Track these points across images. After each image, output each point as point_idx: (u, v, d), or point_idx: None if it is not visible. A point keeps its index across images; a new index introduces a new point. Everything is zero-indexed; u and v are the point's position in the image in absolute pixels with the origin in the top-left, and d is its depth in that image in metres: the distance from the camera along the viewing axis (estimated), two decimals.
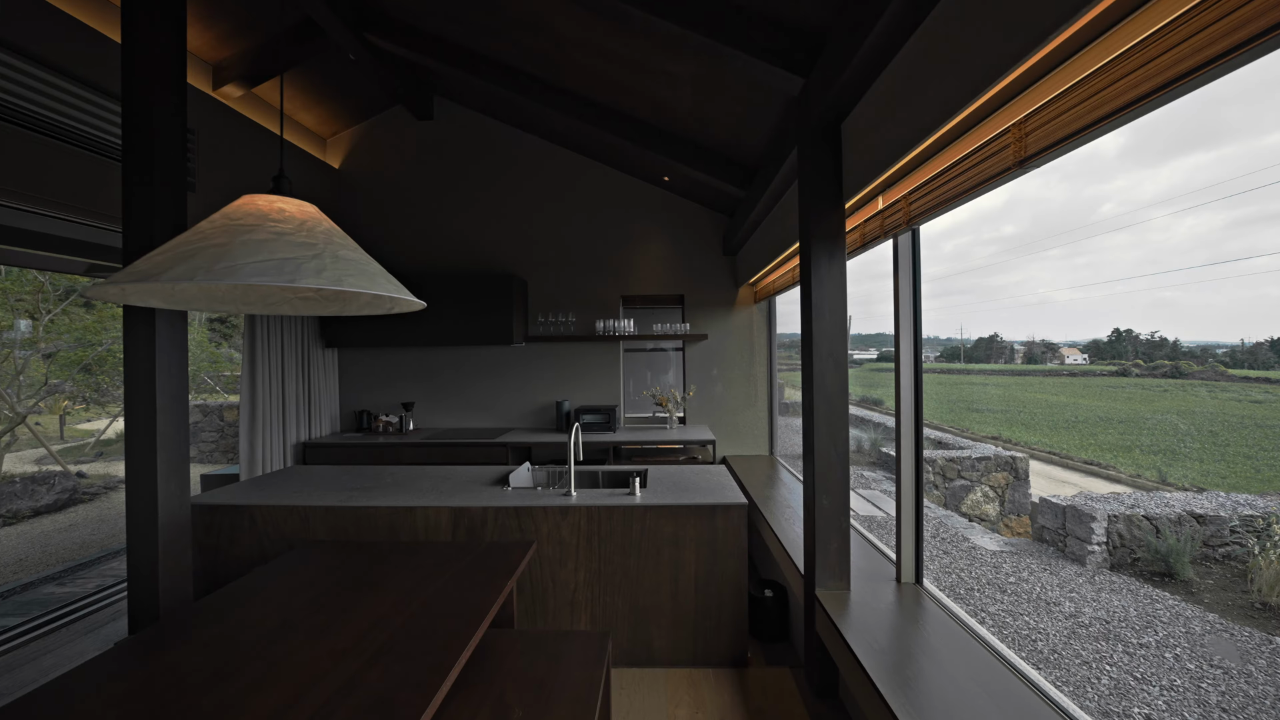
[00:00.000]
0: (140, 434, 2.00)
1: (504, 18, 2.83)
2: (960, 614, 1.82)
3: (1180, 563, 3.89)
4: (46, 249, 2.86)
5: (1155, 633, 3.20)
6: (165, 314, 2.02)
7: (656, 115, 3.15)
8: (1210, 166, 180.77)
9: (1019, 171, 1.23)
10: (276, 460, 3.71)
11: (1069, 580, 4.02)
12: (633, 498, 2.30)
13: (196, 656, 1.23)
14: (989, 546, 4.72)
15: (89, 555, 4.27)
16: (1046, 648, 3.10)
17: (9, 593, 2.95)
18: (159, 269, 0.86)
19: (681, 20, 1.96)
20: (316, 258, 0.95)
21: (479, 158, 4.39)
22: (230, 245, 0.90)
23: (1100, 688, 2.70)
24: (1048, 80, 1.11)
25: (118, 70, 2.63)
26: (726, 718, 1.90)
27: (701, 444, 3.70)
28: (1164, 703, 2.55)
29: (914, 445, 1.95)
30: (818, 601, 1.92)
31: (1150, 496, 4.60)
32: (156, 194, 2.02)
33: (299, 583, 1.64)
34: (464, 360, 4.34)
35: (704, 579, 2.23)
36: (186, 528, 2.11)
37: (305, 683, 1.12)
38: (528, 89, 3.32)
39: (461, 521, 2.23)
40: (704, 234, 4.33)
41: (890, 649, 1.60)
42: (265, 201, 1.03)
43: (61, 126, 2.43)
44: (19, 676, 2.14)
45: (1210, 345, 23.91)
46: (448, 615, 1.40)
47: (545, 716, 1.36)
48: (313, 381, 4.08)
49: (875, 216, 1.97)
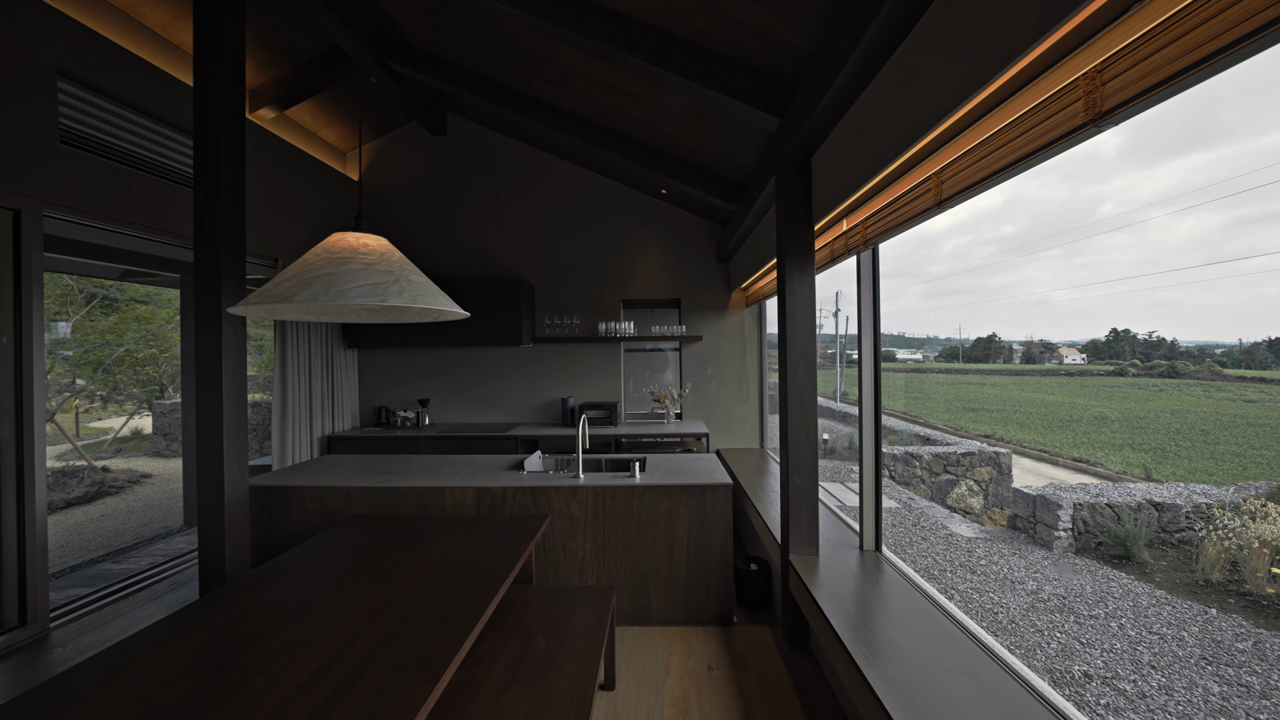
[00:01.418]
0: (209, 424, 2.33)
1: (516, 50, 3.15)
2: (911, 574, 2.15)
3: (1136, 546, 4.22)
4: (85, 255, 3.19)
5: (1105, 606, 3.53)
6: (231, 322, 2.34)
7: (653, 138, 3.48)
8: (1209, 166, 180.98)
9: (937, 210, 1.56)
10: (304, 452, 4.04)
11: (1036, 563, 4.35)
12: (633, 479, 2.63)
13: (288, 593, 1.56)
14: (965, 533, 5.05)
15: (124, 541, 4.60)
16: (1006, 619, 3.44)
17: (75, 568, 3.28)
18: (290, 292, 1.18)
19: (673, 67, 2.28)
20: (396, 282, 1.27)
21: (488, 170, 4.71)
22: (337, 274, 1.22)
23: (1049, 650, 3.03)
24: (956, 140, 1.44)
25: (179, 103, 2.98)
26: (713, 663, 2.23)
27: (696, 437, 4.02)
28: (1102, 662, 2.88)
29: (874, 433, 2.27)
30: (791, 565, 2.25)
31: (1115, 487, 4.94)
32: (222, 210, 2.34)
33: (355, 544, 1.96)
34: (476, 360, 4.66)
35: (695, 549, 2.57)
36: (246, 505, 2.43)
37: (380, 608, 1.44)
38: (536, 112, 3.64)
39: (484, 499, 2.56)
40: (699, 242, 4.65)
41: (852, 603, 1.93)
42: (354, 238, 1.35)
43: (129, 153, 2.76)
44: (103, 633, 2.47)
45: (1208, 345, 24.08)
46: (483, 565, 1.73)
47: (563, 647, 1.69)
48: (336, 379, 4.41)
49: (840, 237, 2.30)
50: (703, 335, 4.61)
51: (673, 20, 2.21)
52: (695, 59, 2.28)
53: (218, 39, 2.33)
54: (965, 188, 1.42)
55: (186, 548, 3.72)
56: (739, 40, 2.14)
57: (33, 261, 2.40)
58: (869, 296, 2.26)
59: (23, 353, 2.40)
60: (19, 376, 2.40)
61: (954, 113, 1.29)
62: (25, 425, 2.41)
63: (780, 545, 2.39)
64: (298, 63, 3.65)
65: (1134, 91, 0.94)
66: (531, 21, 2.36)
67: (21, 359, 2.40)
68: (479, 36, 3.17)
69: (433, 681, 1.10)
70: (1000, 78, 1.13)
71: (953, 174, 1.49)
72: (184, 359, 4.44)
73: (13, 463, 2.40)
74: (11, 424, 2.39)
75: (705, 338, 4.63)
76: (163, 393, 9.80)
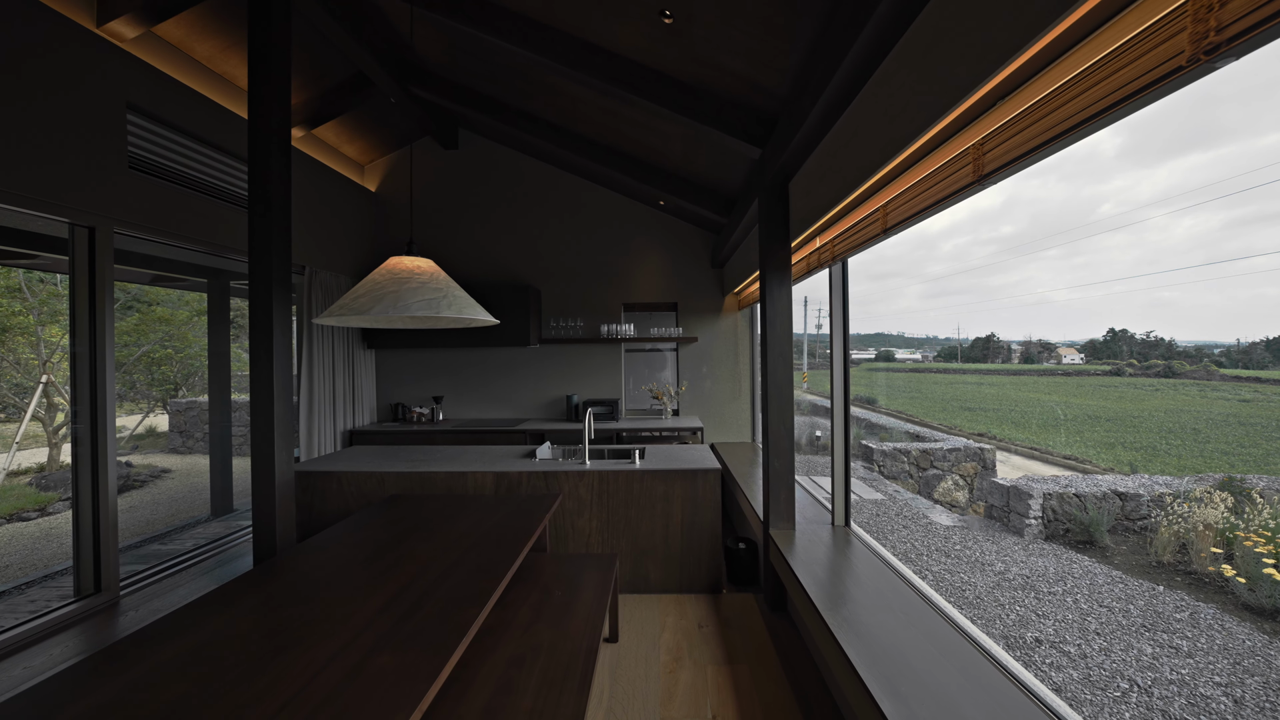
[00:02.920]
0: (262, 416, 2.66)
1: (529, 80, 3.48)
2: (875, 545, 2.49)
3: (1099, 531, 4.56)
4: (124, 263, 3.51)
5: (1065, 584, 3.87)
6: (281, 325, 2.67)
7: (652, 157, 3.81)
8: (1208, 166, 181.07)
9: (883, 236, 1.89)
10: (329, 444, 4.37)
11: (1007, 548, 4.69)
12: (634, 465, 2.96)
13: (348, 552, 1.89)
14: (943, 522, 5.39)
15: (157, 530, 4.93)
16: (973, 595, 3.77)
17: (127, 549, 3.61)
18: (366, 306, 1.51)
19: (669, 105, 2.62)
20: (446, 297, 1.59)
21: (497, 182, 5.05)
22: (400, 292, 1.54)
23: (1008, 620, 3.37)
24: (896, 181, 1.77)
25: (224, 128, 3.31)
26: (702, 622, 2.57)
27: (691, 431, 4.36)
28: (1053, 630, 3.22)
29: (844, 424, 2.61)
30: (771, 538, 2.58)
31: (1083, 478, 5.28)
32: (273, 227, 2.67)
33: (396, 517, 2.29)
34: (486, 359, 5.00)
35: (688, 527, 2.90)
36: (292, 487, 2.76)
37: (427, 561, 1.78)
38: (545, 133, 3.98)
39: (502, 482, 2.90)
40: (694, 249, 4.99)
41: (821, 567, 2.26)
42: (409, 261, 1.68)
43: (182, 174, 3.10)
44: (167, 599, 2.80)
45: (1206, 345, 24.25)
46: (508, 532, 2.06)
47: (575, 598, 2.03)
48: (356, 378, 4.74)
49: (814, 252, 2.64)
50: (698, 336, 4.94)
51: (669, 66, 2.54)
52: (689, 97, 2.61)
53: (269, 82, 2.66)
54: (904, 219, 1.76)
55: (220, 533, 4.04)
56: (726, 83, 2.48)
57: (106, 274, 2.74)
58: (839, 305, 2.59)
59: (97, 355, 2.74)
60: (94, 377, 2.73)
61: (891, 160, 1.62)
62: (99, 420, 2.74)
63: (762, 521, 2.72)
64: (326, 86, 3.98)
65: (1006, 160, 1.28)
66: (546, 64, 2.69)
67: (96, 361, 2.73)
68: (494, 68, 3.51)
69: (479, 607, 1.43)
70: (922, 137, 1.46)
71: (895, 206, 1.82)
72: (211, 359, 4.77)
73: (88, 452, 2.73)
74: (88, 419, 2.73)
75: (700, 339, 4.96)
76: (176, 391, 10.13)
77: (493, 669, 1.56)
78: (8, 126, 2.28)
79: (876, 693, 1.37)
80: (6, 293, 6.16)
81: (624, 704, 1.95)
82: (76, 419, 2.75)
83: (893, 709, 1.30)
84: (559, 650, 1.66)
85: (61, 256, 3.00)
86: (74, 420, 2.75)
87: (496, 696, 1.44)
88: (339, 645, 1.26)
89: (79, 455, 2.74)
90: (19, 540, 5.00)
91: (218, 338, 4.70)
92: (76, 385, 2.74)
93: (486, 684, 1.50)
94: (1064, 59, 1.04)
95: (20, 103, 2.33)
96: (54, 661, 2.27)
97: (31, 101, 2.38)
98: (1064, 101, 1.09)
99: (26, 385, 7.13)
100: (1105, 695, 2.59)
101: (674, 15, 2.14)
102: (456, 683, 1.54)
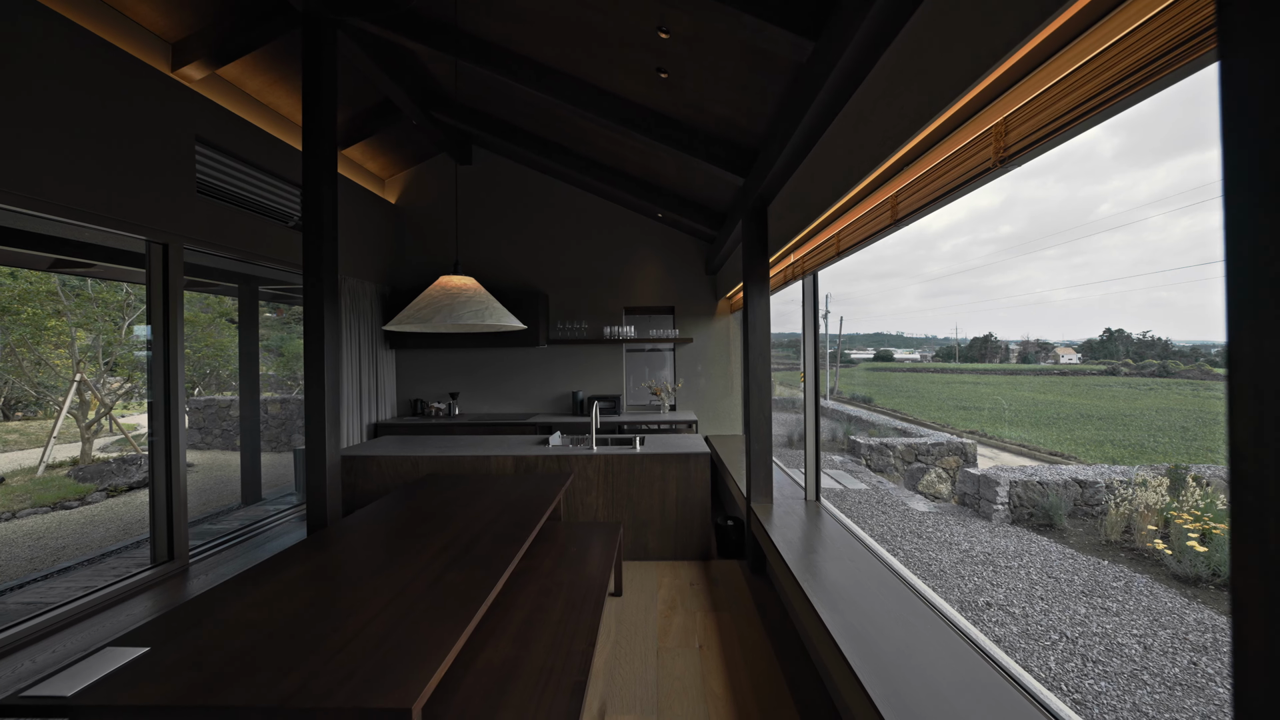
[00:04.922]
0: (316, 406, 3.10)
1: (543, 111, 3.92)
2: (841, 518, 2.93)
3: (1058, 515, 5.01)
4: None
5: (1021, 560, 4.32)
6: (333, 327, 3.11)
7: (651, 177, 4.25)
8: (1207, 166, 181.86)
9: (838, 258, 2.33)
10: (355, 436, 4.80)
11: (975, 531, 5.13)
12: (635, 450, 3.40)
13: (404, 515, 2.32)
14: (919, 508, 5.83)
15: (193, 516, 5.35)
16: (938, 569, 4.22)
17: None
18: (428, 316, 1.93)
19: (664, 140, 3.05)
20: (487, 307, 2.02)
21: (509, 195, 5.48)
22: (454, 304, 1.97)
23: (965, 589, 3.81)
24: (848, 214, 2.21)
25: (273, 153, 3.74)
26: (694, 583, 3.00)
27: (687, 424, 4.79)
28: (1003, 595, 3.67)
29: (814, 415, 3.04)
30: (753, 511, 3.02)
31: (1048, 467, 5.72)
32: (324, 245, 3.10)
33: (434, 491, 2.72)
34: (498, 359, 5.43)
35: (681, 502, 3.34)
36: (339, 469, 3.20)
37: (470, 519, 2.21)
38: (555, 155, 4.41)
39: (521, 464, 3.33)
40: (690, 258, 5.43)
41: (793, 532, 2.69)
42: (458, 279, 2.11)
43: (236, 195, 3.54)
44: (231, 566, 3.23)
45: (1202, 345, 24.68)
46: (531, 500, 2.49)
47: (587, 553, 2.46)
48: (379, 375, 5.17)
49: (789, 266, 3.07)
50: (693, 338, 5.38)
51: (665, 108, 2.98)
52: (682, 133, 3.05)
53: (320, 122, 3.09)
54: (853, 244, 2.19)
55: (259, 516, 4.46)
56: (712, 123, 2.92)
57: (177, 284, 3.16)
58: (810, 312, 3.03)
59: (169, 354, 3.17)
60: (167, 372, 3.16)
61: (841, 197, 2.06)
62: (172, 411, 3.17)
63: (745, 497, 3.16)
64: (355, 111, 4.41)
65: (913, 208, 1.71)
66: (560, 105, 3.13)
67: (169, 359, 3.16)
68: (512, 101, 3.94)
69: (518, 544, 1.87)
70: (859, 185, 1.90)
71: (848, 234, 2.26)
72: (242, 360, 5.21)
73: (163, 440, 3.16)
74: (162, 410, 3.16)
75: (696, 340, 5.40)
76: (194, 390, 10.54)
77: (528, 597, 2.00)
78: (100, 160, 2.71)
79: (822, 613, 1.80)
80: (49, 297, 6.57)
81: (629, 638, 2.39)
82: (151, 413, 3.18)
83: (830, 618, 1.74)
84: (577, 586, 2.10)
85: (118, 266, 3.46)
86: (150, 415, 3.18)
87: (533, 614, 1.88)
88: (416, 570, 1.70)
89: (154, 444, 3.18)
90: (66, 525, 5.43)
91: (248, 339, 5.11)
92: (151, 381, 3.17)
93: (525, 606, 1.94)
94: (953, 134, 1.47)
95: (113, 139, 2.76)
96: (148, 611, 2.71)
97: (122, 137, 2.81)
98: (961, 160, 1.53)
99: (48, 385, 7.54)
100: (1037, 644, 3.03)
101: (668, 73, 2.57)
102: (499, 607, 1.98)
